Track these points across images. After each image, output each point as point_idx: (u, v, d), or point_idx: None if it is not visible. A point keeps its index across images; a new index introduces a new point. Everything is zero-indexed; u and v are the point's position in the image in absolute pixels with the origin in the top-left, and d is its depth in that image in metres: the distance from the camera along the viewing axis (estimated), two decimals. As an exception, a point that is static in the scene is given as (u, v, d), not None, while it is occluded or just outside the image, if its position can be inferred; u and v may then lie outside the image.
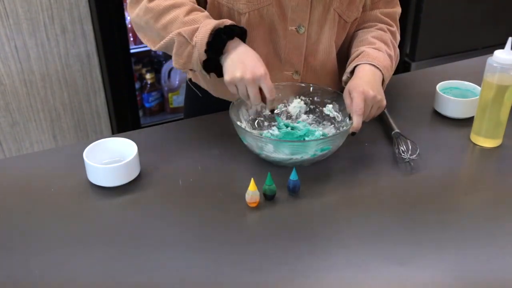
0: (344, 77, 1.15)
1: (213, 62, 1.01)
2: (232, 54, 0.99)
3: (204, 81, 1.27)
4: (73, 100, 2.34)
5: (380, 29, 1.20)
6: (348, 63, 1.16)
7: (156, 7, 1.02)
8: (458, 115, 1.21)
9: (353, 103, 1.02)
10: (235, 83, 0.98)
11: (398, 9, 1.26)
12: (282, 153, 1.00)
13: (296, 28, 1.12)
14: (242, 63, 0.97)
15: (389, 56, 1.15)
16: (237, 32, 1.01)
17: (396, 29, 1.24)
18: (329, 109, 1.14)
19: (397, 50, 1.21)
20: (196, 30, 0.98)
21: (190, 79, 1.33)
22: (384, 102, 1.06)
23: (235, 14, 1.10)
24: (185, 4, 1.02)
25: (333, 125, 1.14)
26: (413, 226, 0.90)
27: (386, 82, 1.12)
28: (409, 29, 2.50)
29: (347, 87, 1.08)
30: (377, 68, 1.09)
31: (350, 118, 1.04)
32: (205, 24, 0.98)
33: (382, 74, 1.10)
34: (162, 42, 1.02)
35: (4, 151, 2.31)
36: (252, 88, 0.98)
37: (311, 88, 1.16)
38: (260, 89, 0.99)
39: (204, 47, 0.97)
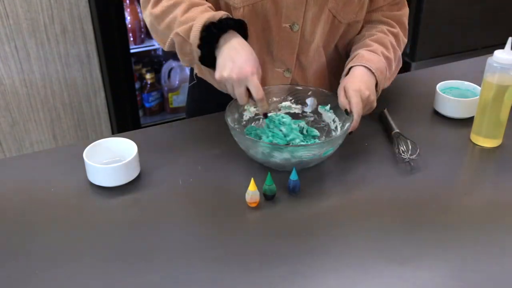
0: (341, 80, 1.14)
1: (210, 57, 1.00)
2: (224, 49, 0.97)
3: (210, 73, 1.27)
4: (73, 100, 2.34)
5: (381, 31, 1.19)
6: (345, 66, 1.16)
7: (158, 11, 1.03)
8: (458, 115, 1.21)
9: (352, 102, 1.03)
10: (223, 82, 0.98)
11: (405, 11, 1.25)
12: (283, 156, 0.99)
13: (290, 26, 1.11)
14: (231, 61, 0.96)
15: (386, 58, 1.14)
16: (231, 25, 0.99)
17: (399, 30, 1.22)
18: (326, 110, 1.13)
19: (399, 52, 1.21)
20: (191, 28, 0.98)
21: (196, 74, 1.34)
22: (375, 104, 1.08)
23: (231, 9, 1.11)
24: (184, 1, 1.02)
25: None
26: (413, 226, 0.90)
27: (382, 84, 1.12)
28: (409, 29, 2.50)
29: (342, 84, 1.08)
30: (370, 70, 1.09)
31: (348, 113, 1.04)
32: (199, 20, 0.98)
33: (375, 76, 1.09)
34: (167, 43, 1.04)
35: (4, 151, 2.31)
36: (237, 88, 0.97)
37: (309, 91, 1.15)
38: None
39: (197, 43, 0.97)
